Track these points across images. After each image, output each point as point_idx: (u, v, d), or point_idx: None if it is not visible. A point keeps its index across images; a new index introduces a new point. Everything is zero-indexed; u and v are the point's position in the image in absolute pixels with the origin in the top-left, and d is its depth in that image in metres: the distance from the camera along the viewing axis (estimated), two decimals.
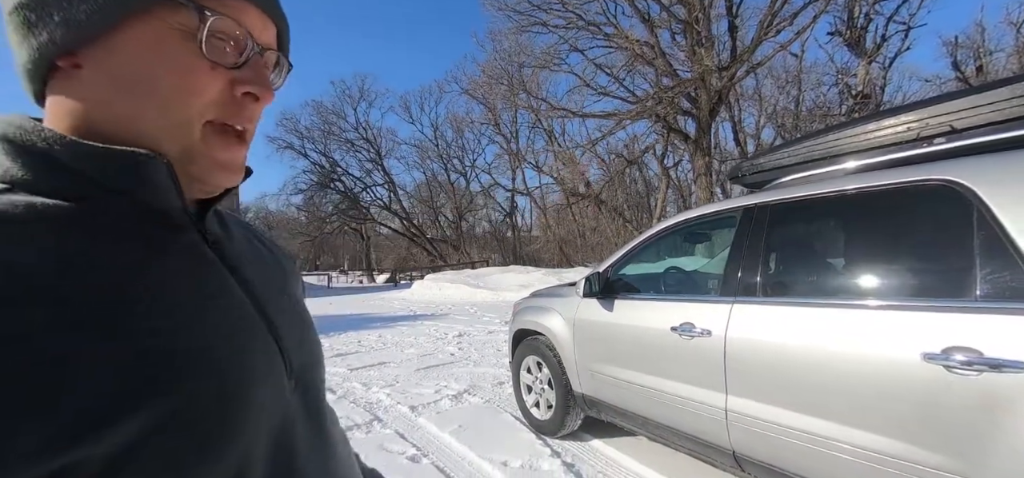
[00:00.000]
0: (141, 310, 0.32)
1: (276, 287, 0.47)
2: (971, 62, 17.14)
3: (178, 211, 0.39)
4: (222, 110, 0.38)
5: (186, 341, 0.34)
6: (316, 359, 0.50)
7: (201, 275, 0.39)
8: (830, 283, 1.87)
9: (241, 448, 0.35)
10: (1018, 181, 1.37)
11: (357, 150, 32.85)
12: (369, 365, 5.48)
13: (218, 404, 0.34)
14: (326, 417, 0.49)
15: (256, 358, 0.39)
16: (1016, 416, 1.22)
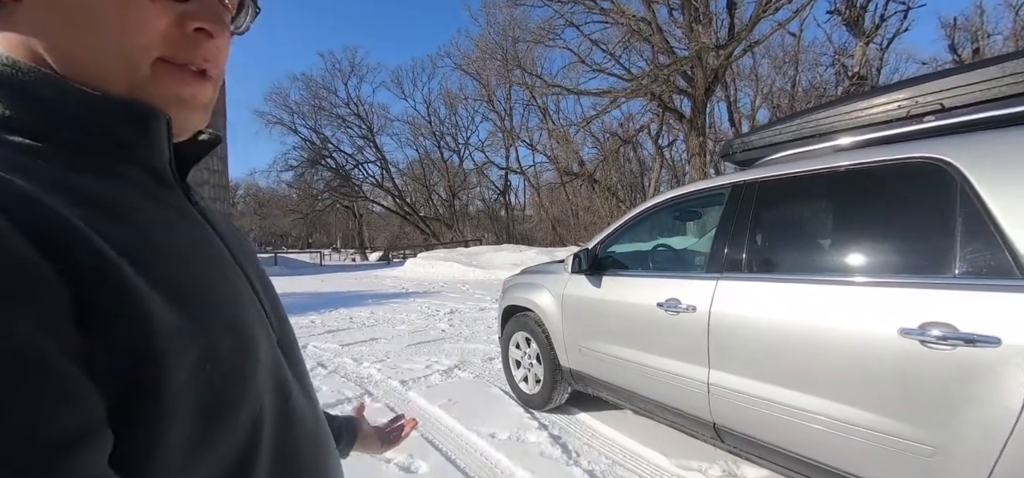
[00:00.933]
0: (162, 260, 0.32)
1: (244, 246, 0.48)
2: (969, 45, 17.13)
3: (166, 168, 0.39)
4: (173, 48, 0.37)
5: (205, 293, 0.35)
6: (286, 318, 0.51)
7: (198, 233, 0.39)
8: (813, 260, 1.89)
9: (256, 398, 0.36)
10: (1003, 160, 1.38)
11: (348, 126, 32.42)
12: (360, 341, 5.50)
13: (237, 354, 0.35)
14: (302, 370, 0.50)
15: (251, 314, 0.40)
16: (985, 389, 1.25)
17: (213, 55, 0.39)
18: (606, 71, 15.95)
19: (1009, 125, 1.50)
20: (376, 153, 33.15)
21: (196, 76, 0.39)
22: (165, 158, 0.38)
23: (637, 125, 19.89)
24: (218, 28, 0.39)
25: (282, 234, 48.28)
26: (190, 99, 0.39)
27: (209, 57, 0.39)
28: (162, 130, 0.37)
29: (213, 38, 0.39)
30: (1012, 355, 1.22)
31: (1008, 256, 1.29)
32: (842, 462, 1.61)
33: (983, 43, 16.84)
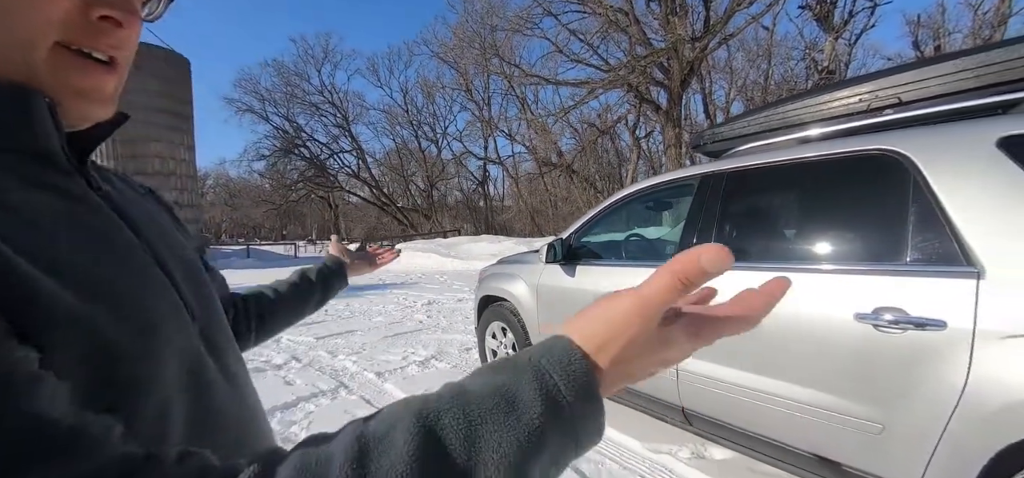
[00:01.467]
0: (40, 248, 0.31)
1: (165, 235, 0.46)
2: (931, 41, 17.81)
3: (59, 154, 0.36)
4: (74, 33, 0.34)
5: (94, 281, 0.33)
6: (214, 304, 0.50)
7: (95, 221, 0.37)
8: (776, 248, 1.95)
9: (163, 384, 0.35)
10: (953, 152, 1.44)
11: (322, 114, 31.60)
12: (336, 334, 5.43)
13: (134, 344, 0.33)
14: (233, 357, 0.48)
15: (160, 300, 0.38)
16: (932, 369, 1.32)
17: (121, 43, 0.37)
18: (584, 61, 16.01)
19: (959, 119, 1.58)
20: (352, 142, 32.48)
21: (100, 66, 0.36)
22: (53, 142, 0.36)
23: (615, 116, 20.07)
24: (127, 16, 0.36)
25: (255, 225, 47.06)
26: (92, 91, 0.37)
27: (116, 45, 0.37)
28: (43, 112, 0.34)
29: (122, 27, 0.36)
30: (956, 338, 1.29)
31: (955, 244, 1.35)
32: (801, 441, 1.68)
33: (944, 40, 17.55)
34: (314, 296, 0.88)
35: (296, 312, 0.84)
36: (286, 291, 0.83)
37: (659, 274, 0.31)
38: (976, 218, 1.33)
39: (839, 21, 16.35)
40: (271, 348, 4.79)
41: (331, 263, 0.94)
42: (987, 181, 1.33)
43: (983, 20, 16.03)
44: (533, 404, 0.29)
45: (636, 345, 0.31)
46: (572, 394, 0.30)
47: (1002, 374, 1.21)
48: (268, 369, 4.02)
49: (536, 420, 0.28)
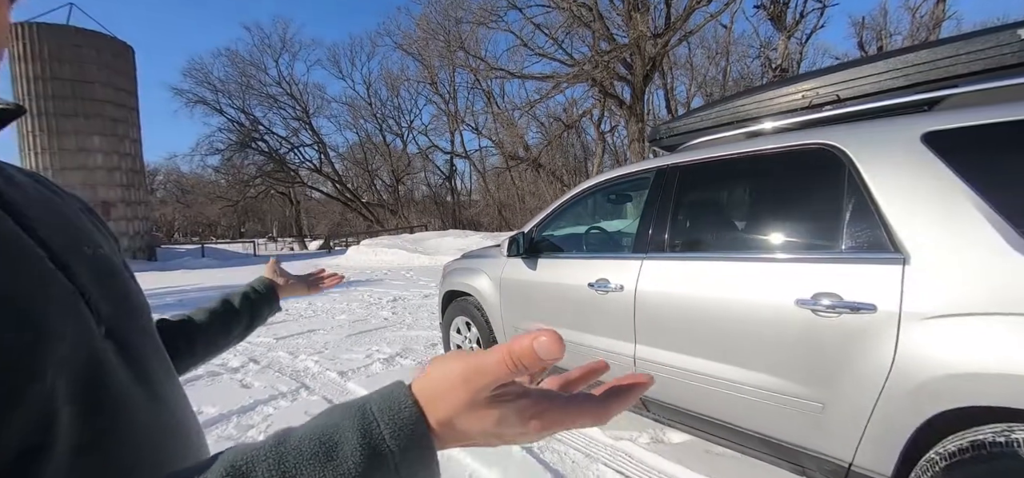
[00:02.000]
0: None
1: (71, 236, 0.44)
2: (874, 42, 18.87)
3: None
4: None
5: None
6: (133, 306, 0.47)
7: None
8: (725, 238, 2.03)
9: (41, 392, 0.32)
10: (882, 146, 1.54)
11: (281, 107, 30.39)
12: (296, 333, 5.28)
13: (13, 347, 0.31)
14: (154, 365, 0.46)
15: (52, 305, 0.36)
16: (864, 350, 1.41)
17: None
18: (549, 56, 16.09)
19: (890, 115, 1.68)
20: (313, 136, 31.43)
21: None
22: None
23: (580, 110, 20.28)
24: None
25: (210, 223, 44.90)
26: None
27: None
28: None
29: None
30: (885, 319, 1.38)
31: (884, 232, 1.45)
32: (749, 422, 1.77)
33: (886, 41, 18.66)
34: (240, 323, 0.81)
35: (217, 342, 0.77)
36: (205, 320, 0.76)
37: (495, 349, 0.29)
38: (902, 208, 1.43)
39: (791, 21, 17.08)
40: (227, 351, 4.61)
41: (259, 286, 0.87)
42: (912, 173, 1.43)
43: (920, 23, 17.13)
44: (354, 453, 0.28)
45: (461, 410, 0.30)
46: (397, 444, 0.29)
47: (924, 353, 1.31)
48: (223, 373, 3.86)
49: (354, 469, 0.28)
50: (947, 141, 1.39)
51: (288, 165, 31.20)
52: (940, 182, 1.37)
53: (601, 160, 20.58)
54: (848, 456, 1.49)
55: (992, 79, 1.52)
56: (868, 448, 1.44)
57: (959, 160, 1.35)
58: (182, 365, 0.69)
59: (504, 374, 0.29)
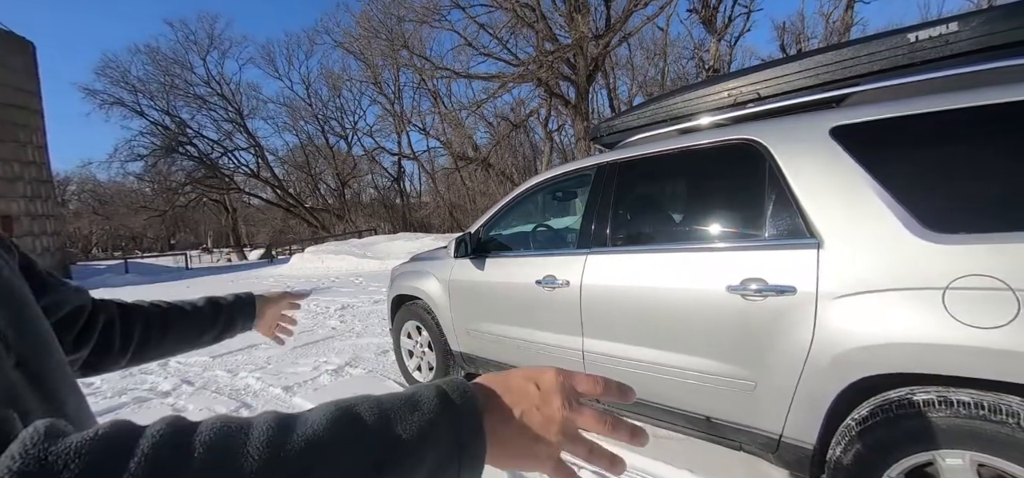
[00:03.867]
0: None
1: None
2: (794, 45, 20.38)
3: None
4: None
5: None
6: (43, 340, 0.44)
7: None
8: (663, 231, 2.13)
9: None
10: (797, 140, 1.67)
11: (211, 108, 28.31)
12: (235, 350, 4.96)
13: None
14: (66, 389, 0.43)
15: None
16: (787, 328, 1.52)
17: None
18: (494, 55, 16.12)
19: (804, 111, 1.82)
20: (248, 139, 29.58)
21: None
22: None
23: (527, 110, 20.47)
24: None
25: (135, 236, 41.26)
26: None
27: None
28: None
29: None
30: (804, 300, 1.50)
31: (801, 220, 1.57)
32: (691, 405, 1.86)
33: (804, 44, 20.21)
34: (217, 325, 0.80)
35: (189, 339, 0.76)
36: (189, 310, 0.75)
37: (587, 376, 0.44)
38: (815, 196, 1.55)
39: (721, 24, 18.13)
40: (156, 373, 4.26)
41: (246, 297, 0.87)
42: (823, 164, 1.56)
43: (833, 28, 18.69)
44: (432, 402, 0.37)
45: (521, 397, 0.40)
46: (459, 397, 0.38)
47: (838, 328, 1.43)
48: (153, 398, 3.57)
49: (433, 411, 0.36)
50: (850, 135, 1.53)
51: (221, 170, 29.20)
52: (846, 172, 1.50)
53: (549, 159, 20.88)
54: (778, 429, 1.61)
55: (888, 78, 1.68)
56: (795, 419, 1.56)
57: (860, 152, 1.49)
58: (147, 355, 0.70)
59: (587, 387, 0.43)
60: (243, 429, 0.30)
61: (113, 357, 0.65)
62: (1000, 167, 1.34)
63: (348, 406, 0.35)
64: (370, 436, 0.33)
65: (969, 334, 1.22)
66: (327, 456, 0.31)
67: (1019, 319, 1.17)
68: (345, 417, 0.34)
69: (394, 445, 0.34)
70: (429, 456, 0.35)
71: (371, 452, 0.33)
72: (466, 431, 0.36)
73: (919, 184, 1.41)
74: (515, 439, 0.39)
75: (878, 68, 1.74)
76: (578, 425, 0.41)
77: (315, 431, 0.31)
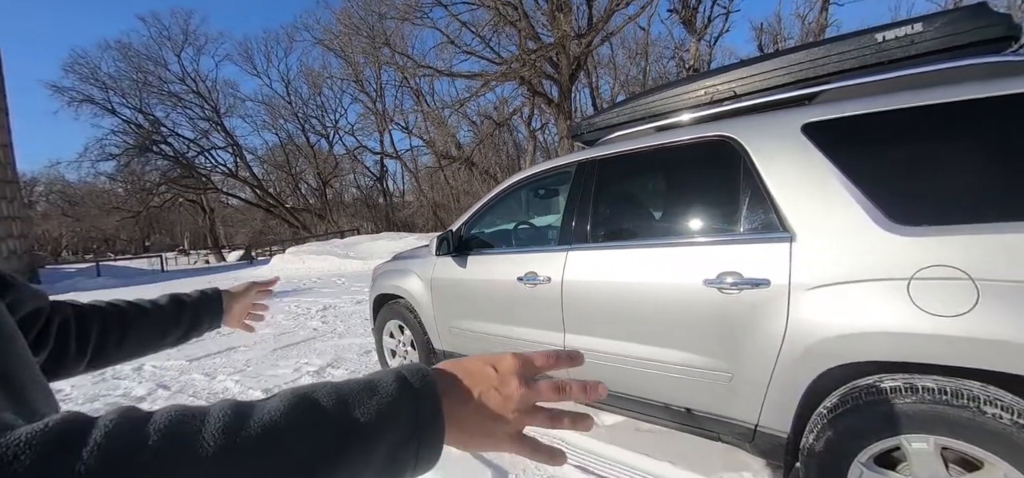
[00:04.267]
0: None
1: None
2: (772, 45, 20.79)
3: None
4: None
5: None
6: (8, 336, 0.43)
7: None
8: (642, 226, 2.16)
9: None
10: (770, 136, 1.70)
11: (187, 106, 27.57)
12: (213, 353, 4.86)
13: None
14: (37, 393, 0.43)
15: None
16: (762, 320, 1.56)
17: None
18: (476, 54, 16.07)
19: (777, 108, 1.87)
20: (226, 137, 28.91)
21: None
22: None
23: (510, 109, 20.49)
24: None
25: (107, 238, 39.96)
26: None
27: None
28: None
29: None
30: (777, 292, 1.53)
31: (774, 214, 1.61)
32: (671, 397, 1.89)
33: (781, 45, 20.64)
34: (181, 324, 0.76)
35: (152, 339, 0.73)
36: (150, 309, 0.72)
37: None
38: (788, 191, 1.59)
39: (701, 24, 18.41)
40: (131, 377, 4.15)
41: (211, 293, 0.84)
42: (795, 160, 1.60)
43: (808, 29, 19.14)
44: (390, 386, 0.38)
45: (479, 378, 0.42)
46: (418, 381, 0.39)
47: (809, 319, 1.47)
48: (125, 403, 3.47)
49: (391, 395, 0.37)
50: (820, 131, 1.57)
51: (198, 170, 28.49)
52: (816, 167, 1.55)
53: (533, 157, 20.92)
54: (754, 419, 1.65)
55: (856, 76, 1.74)
56: (770, 409, 1.60)
57: (830, 148, 1.53)
58: (107, 358, 0.68)
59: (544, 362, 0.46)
60: (198, 417, 0.30)
61: (70, 361, 0.62)
62: (960, 162, 1.39)
63: (306, 393, 0.35)
64: (328, 421, 0.33)
65: (932, 322, 1.27)
66: (284, 441, 0.31)
67: (978, 307, 1.22)
68: (303, 403, 0.34)
69: (351, 429, 0.34)
70: (387, 439, 0.35)
71: (329, 436, 0.33)
72: (425, 413, 0.37)
73: (885, 178, 1.46)
74: (473, 419, 0.41)
75: (848, 67, 1.79)
76: (535, 399, 0.43)
77: (272, 417, 0.32)
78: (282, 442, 0.31)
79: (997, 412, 1.19)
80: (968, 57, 1.54)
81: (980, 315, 1.21)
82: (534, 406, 0.43)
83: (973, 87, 1.37)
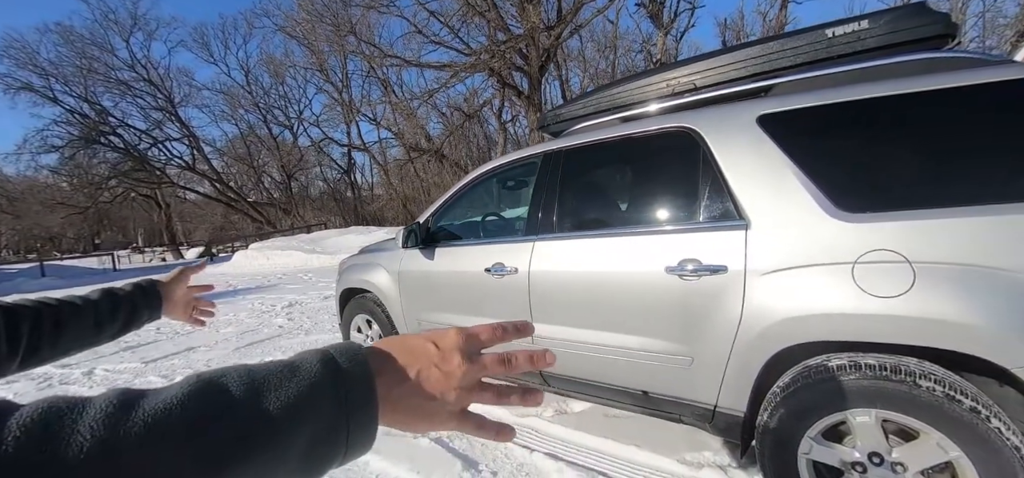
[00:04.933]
0: None
1: None
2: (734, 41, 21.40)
3: None
4: None
5: None
6: None
7: None
8: (606, 216, 2.19)
9: None
10: (727, 128, 1.76)
11: (137, 95, 26.02)
12: (171, 354, 4.66)
13: None
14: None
15: None
16: (719, 305, 1.62)
17: None
18: (445, 44, 15.85)
19: (735, 100, 1.93)
20: (181, 128, 27.56)
21: None
22: None
23: (481, 100, 20.34)
24: None
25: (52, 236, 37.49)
26: None
27: None
28: None
29: None
30: (734, 278, 1.59)
31: (731, 203, 1.67)
32: (636, 383, 1.94)
33: (743, 40, 21.29)
34: (117, 318, 0.73)
35: (87, 335, 0.69)
36: (82, 304, 0.69)
37: None
38: (744, 181, 1.65)
39: (667, 19, 18.76)
40: (81, 381, 3.94)
41: (145, 284, 0.81)
42: (750, 150, 1.66)
43: (769, 26, 19.79)
44: (313, 368, 0.35)
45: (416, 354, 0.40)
46: (347, 362, 0.36)
47: (763, 303, 1.53)
48: None
49: (314, 378, 0.34)
50: (774, 122, 1.63)
51: (151, 163, 27.03)
52: (770, 157, 1.61)
53: (504, 149, 20.86)
54: (713, 400, 1.71)
55: (807, 70, 1.81)
56: (728, 390, 1.66)
57: (783, 138, 1.60)
58: (40, 357, 0.64)
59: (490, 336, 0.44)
60: (76, 408, 0.27)
61: (1, 361, 0.59)
62: (899, 152, 1.47)
63: (212, 377, 0.32)
64: (236, 408, 0.30)
65: (874, 303, 1.35)
66: (174, 435, 0.28)
67: (915, 288, 1.30)
68: (207, 389, 0.31)
69: (261, 417, 0.31)
70: (307, 426, 0.32)
71: (234, 427, 0.30)
72: (354, 396, 0.35)
73: (832, 168, 1.53)
74: (411, 399, 0.38)
75: (801, 61, 1.87)
76: (480, 375, 0.41)
77: (165, 406, 0.28)
78: (172, 436, 0.27)
79: (931, 385, 1.27)
80: (909, 53, 1.63)
81: (916, 296, 1.30)
82: (479, 383, 0.41)
83: (909, 82, 1.46)
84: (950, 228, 1.30)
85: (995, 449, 1.21)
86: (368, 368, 0.36)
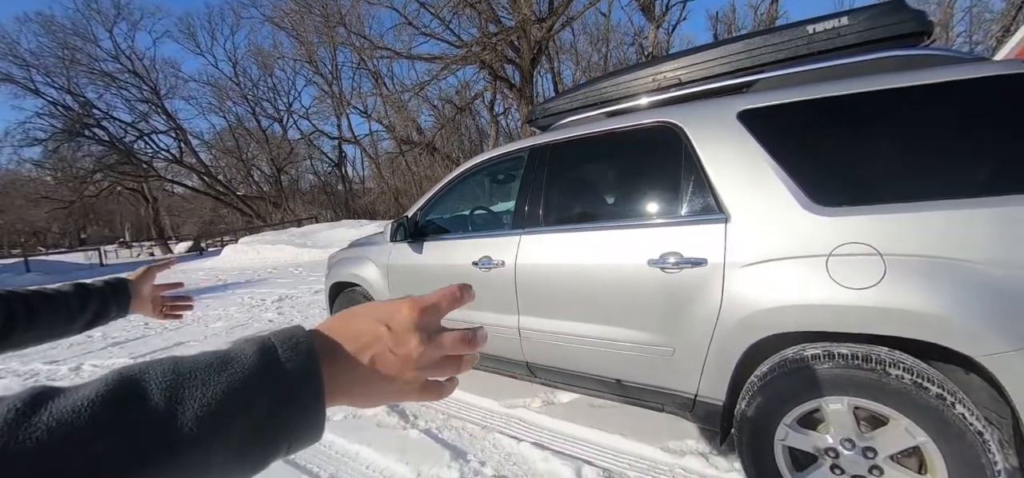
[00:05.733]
0: None
1: None
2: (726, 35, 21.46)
3: None
4: None
5: None
6: None
7: None
8: (591, 210, 2.22)
9: None
10: (709, 123, 1.79)
11: (122, 86, 25.44)
12: (159, 349, 4.64)
13: None
14: None
15: None
16: (700, 297, 1.66)
17: None
18: (436, 36, 15.72)
19: (718, 96, 1.96)
20: (168, 121, 27.09)
21: None
22: None
23: (472, 93, 20.25)
24: None
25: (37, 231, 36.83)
26: None
27: None
28: None
29: None
30: (714, 270, 1.63)
31: (712, 197, 1.70)
32: (620, 373, 1.98)
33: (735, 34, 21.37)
34: (86, 310, 0.75)
35: (58, 325, 0.71)
36: (53, 296, 0.71)
37: None
38: (724, 175, 1.69)
39: (659, 12, 18.77)
40: (68, 378, 3.90)
41: (115, 281, 0.82)
42: (731, 145, 1.69)
43: (760, 20, 19.87)
44: (248, 360, 0.32)
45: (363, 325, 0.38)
46: (289, 352, 0.34)
47: (741, 294, 1.57)
48: None
49: (247, 371, 0.31)
50: (753, 118, 1.67)
51: (137, 156, 26.56)
52: (749, 152, 1.64)
53: (495, 142, 20.81)
54: (693, 389, 1.75)
55: (788, 66, 1.84)
56: (708, 380, 1.71)
57: (762, 133, 1.63)
58: (14, 343, 0.66)
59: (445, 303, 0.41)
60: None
61: None
62: (871, 147, 1.51)
63: (132, 373, 0.29)
64: (153, 408, 0.28)
65: (847, 295, 1.39)
66: (84, 436, 0.25)
67: (885, 280, 1.35)
68: (123, 388, 0.28)
69: (182, 416, 0.28)
70: (237, 423, 0.30)
71: (150, 427, 0.27)
72: (296, 389, 0.32)
73: (808, 162, 1.57)
74: (364, 385, 0.37)
75: (782, 57, 1.90)
76: (439, 355, 0.39)
77: (76, 407, 0.26)
78: (79, 439, 0.25)
79: (899, 373, 1.32)
80: (886, 50, 1.67)
81: (886, 287, 1.34)
82: (439, 359, 0.39)
83: (884, 79, 1.49)
84: (919, 222, 1.34)
85: (959, 434, 1.26)
86: (312, 357, 0.34)
